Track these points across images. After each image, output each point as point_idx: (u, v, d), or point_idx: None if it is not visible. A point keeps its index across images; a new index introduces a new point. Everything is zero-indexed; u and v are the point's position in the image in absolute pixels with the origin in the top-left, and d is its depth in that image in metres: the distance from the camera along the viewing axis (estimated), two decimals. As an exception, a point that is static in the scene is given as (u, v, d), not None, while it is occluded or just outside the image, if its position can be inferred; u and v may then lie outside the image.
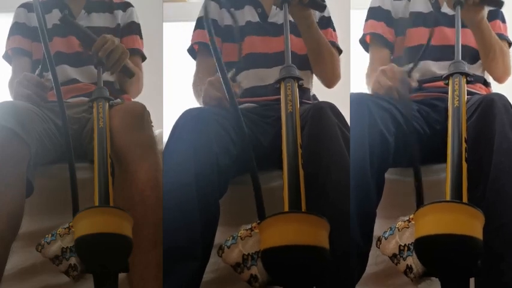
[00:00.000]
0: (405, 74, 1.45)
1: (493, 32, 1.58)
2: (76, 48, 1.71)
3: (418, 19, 1.69)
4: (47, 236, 1.24)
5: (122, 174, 1.32)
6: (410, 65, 1.49)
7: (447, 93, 1.34)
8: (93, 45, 1.45)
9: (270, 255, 1.09)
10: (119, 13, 1.81)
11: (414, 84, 1.46)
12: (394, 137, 1.34)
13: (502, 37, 1.66)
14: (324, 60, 1.64)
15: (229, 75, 1.47)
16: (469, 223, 1.05)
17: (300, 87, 1.34)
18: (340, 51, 1.72)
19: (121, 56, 1.47)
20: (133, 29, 1.81)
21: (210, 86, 1.45)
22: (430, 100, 1.54)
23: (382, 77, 1.45)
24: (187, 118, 1.33)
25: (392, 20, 1.71)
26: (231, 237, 1.18)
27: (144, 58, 1.83)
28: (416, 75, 1.48)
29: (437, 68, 1.62)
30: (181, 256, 1.20)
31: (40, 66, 1.52)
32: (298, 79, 1.32)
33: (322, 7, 1.55)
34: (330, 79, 1.69)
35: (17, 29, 1.75)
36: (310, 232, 1.07)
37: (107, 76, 1.62)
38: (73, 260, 1.21)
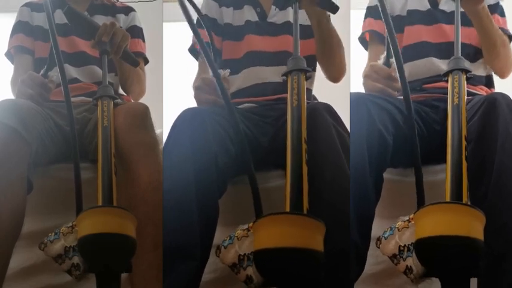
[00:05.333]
0: (386, 68, 1.43)
1: (494, 22, 1.58)
2: (78, 47, 1.72)
3: (415, 17, 1.70)
4: (50, 234, 1.24)
5: (124, 173, 1.32)
6: (384, 55, 1.46)
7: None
8: (97, 33, 1.45)
9: (262, 257, 1.09)
10: (121, 17, 1.83)
11: (395, 73, 1.44)
12: (392, 136, 1.34)
13: (502, 31, 1.65)
14: (334, 53, 1.62)
15: (223, 74, 1.47)
16: (470, 224, 1.06)
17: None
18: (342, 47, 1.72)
19: (122, 38, 1.48)
20: (136, 32, 1.82)
21: (198, 91, 1.45)
22: (431, 101, 1.54)
23: (369, 81, 1.45)
24: (185, 118, 1.33)
25: (386, 15, 1.71)
26: (228, 237, 1.18)
27: (147, 61, 1.84)
28: (394, 62, 1.47)
29: (439, 65, 1.63)
30: (180, 256, 1.21)
31: (46, 66, 1.53)
32: (305, 71, 1.28)
33: (334, 8, 1.53)
34: (338, 73, 1.66)
35: (19, 27, 1.76)
36: (303, 234, 1.07)
37: (108, 77, 1.62)
38: (76, 259, 1.21)
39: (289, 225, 1.07)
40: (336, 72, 1.67)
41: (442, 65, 1.61)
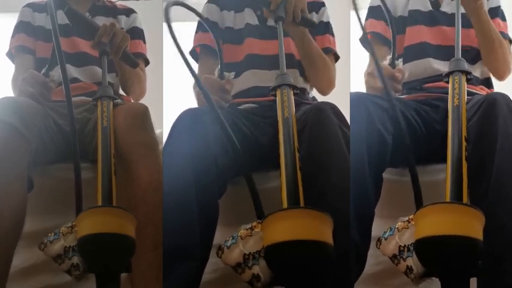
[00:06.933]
0: (390, 69, 1.45)
1: (492, 24, 1.59)
2: (79, 48, 1.73)
3: (417, 17, 1.70)
4: (49, 234, 1.24)
5: (124, 174, 1.32)
6: (389, 56, 1.49)
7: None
8: (97, 34, 1.45)
9: (273, 251, 1.08)
10: (123, 18, 1.84)
11: (399, 74, 1.45)
12: (392, 136, 1.34)
13: (503, 35, 1.66)
14: (318, 70, 1.66)
15: (227, 77, 1.48)
16: (469, 224, 1.06)
17: (300, 88, 1.35)
18: (337, 58, 1.73)
19: (122, 39, 1.48)
20: (137, 34, 1.83)
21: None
22: (431, 100, 1.54)
23: (371, 79, 1.46)
24: (185, 118, 1.33)
25: (391, 19, 1.71)
26: (230, 238, 1.17)
27: (147, 63, 1.84)
28: (399, 64, 1.48)
29: (439, 66, 1.63)
30: (180, 256, 1.20)
31: (47, 66, 1.53)
32: (293, 87, 1.35)
33: (313, 25, 1.57)
34: (324, 87, 1.71)
35: (21, 27, 1.77)
36: (314, 227, 1.07)
37: (108, 77, 1.62)
38: (75, 260, 1.21)
39: (302, 218, 1.08)
40: (322, 88, 1.71)
41: (440, 66, 1.61)
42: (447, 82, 1.32)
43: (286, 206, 1.15)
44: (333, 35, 1.74)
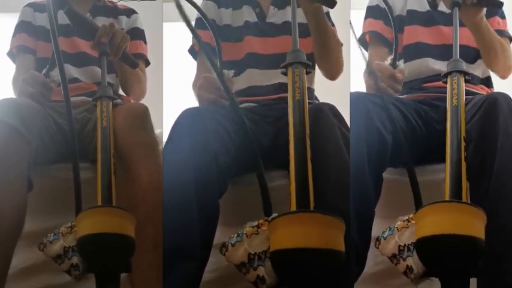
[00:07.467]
0: (391, 69, 1.45)
1: (493, 31, 1.57)
2: (79, 48, 1.73)
3: (414, 17, 1.70)
4: (49, 234, 1.25)
5: (124, 174, 1.33)
6: (391, 57, 1.49)
7: (447, 93, 1.35)
8: (97, 34, 1.45)
9: (284, 257, 1.04)
10: (123, 19, 1.83)
11: (400, 75, 1.45)
12: (392, 136, 1.35)
13: (502, 33, 1.66)
14: (330, 50, 1.61)
15: (227, 75, 1.47)
16: (471, 223, 1.06)
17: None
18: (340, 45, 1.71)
19: (122, 39, 1.48)
20: (137, 34, 1.83)
21: (201, 89, 1.45)
22: (431, 100, 1.54)
23: (371, 80, 1.45)
24: (185, 118, 1.33)
25: (390, 18, 1.71)
26: (235, 235, 1.14)
27: (148, 63, 1.84)
28: (401, 64, 1.48)
29: (437, 66, 1.63)
30: (180, 256, 1.20)
31: (48, 66, 1.54)
32: (306, 65, 1.25)
33: (331, 2, 1.46)
34: (335, 70, 1.65)
35: (22, 27, 1.77)
36: (324, 234, 1.02)
37: (108, 78, 1.62)
38: (75, 260, 1.22)
39: (312, 225, 1.03)
40: (333, 71, 1.66)
41: (439, 66, 1.61)
42: (445, 82, 1.33)
43: (294, 200, 1.10)
44: (333, 25, 1.70)
